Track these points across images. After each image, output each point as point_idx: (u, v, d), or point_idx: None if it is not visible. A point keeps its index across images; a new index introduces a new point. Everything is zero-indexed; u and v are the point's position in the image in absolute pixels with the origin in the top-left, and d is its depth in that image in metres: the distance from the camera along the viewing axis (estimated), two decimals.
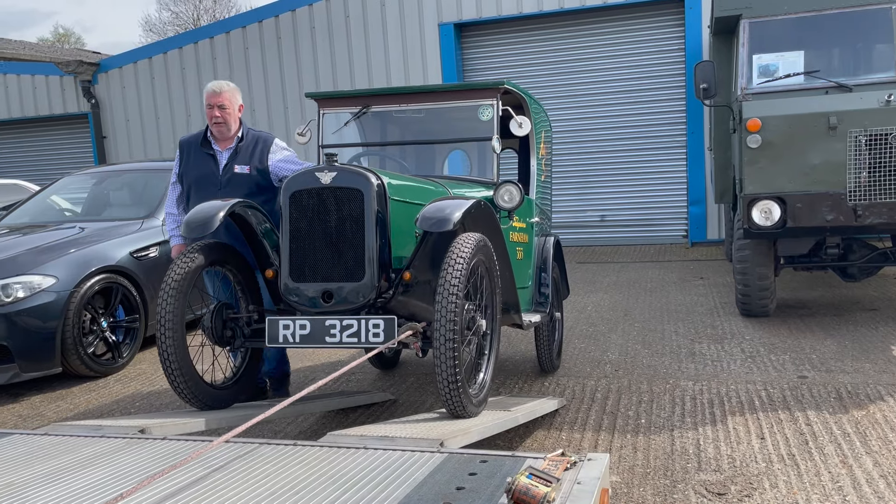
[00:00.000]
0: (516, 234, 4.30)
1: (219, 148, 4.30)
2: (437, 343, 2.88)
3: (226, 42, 12.38)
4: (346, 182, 3.21)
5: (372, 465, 2.21)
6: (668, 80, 10.62)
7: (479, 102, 4.20)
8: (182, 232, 3.43)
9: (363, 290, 3.18)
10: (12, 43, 25.40)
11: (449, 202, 3.21)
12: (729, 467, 3.48)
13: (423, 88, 4.35)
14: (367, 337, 3.10)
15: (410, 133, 4.64)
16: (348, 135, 4.52)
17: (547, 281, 4.66)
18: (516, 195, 3.81)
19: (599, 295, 7.62)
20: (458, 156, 5.03)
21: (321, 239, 3.24)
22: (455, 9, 11.14)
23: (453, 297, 2.87)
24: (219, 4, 37.93)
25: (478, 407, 3.15)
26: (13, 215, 7.00)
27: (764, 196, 5.41)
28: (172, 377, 3.19)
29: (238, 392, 3.61)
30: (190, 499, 1.99)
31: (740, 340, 5.59)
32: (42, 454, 2.45)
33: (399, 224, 3.36)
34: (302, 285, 3.25)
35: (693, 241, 10.56)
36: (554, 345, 4.95)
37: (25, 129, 14.47)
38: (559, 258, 5.06)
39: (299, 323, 3.17)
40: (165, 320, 3.13)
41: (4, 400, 5.19)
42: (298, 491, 2.01)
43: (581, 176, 11.12)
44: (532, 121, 4.53)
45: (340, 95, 4.48)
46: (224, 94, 4.24)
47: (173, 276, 3.20)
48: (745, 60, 5.70)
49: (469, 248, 3.04)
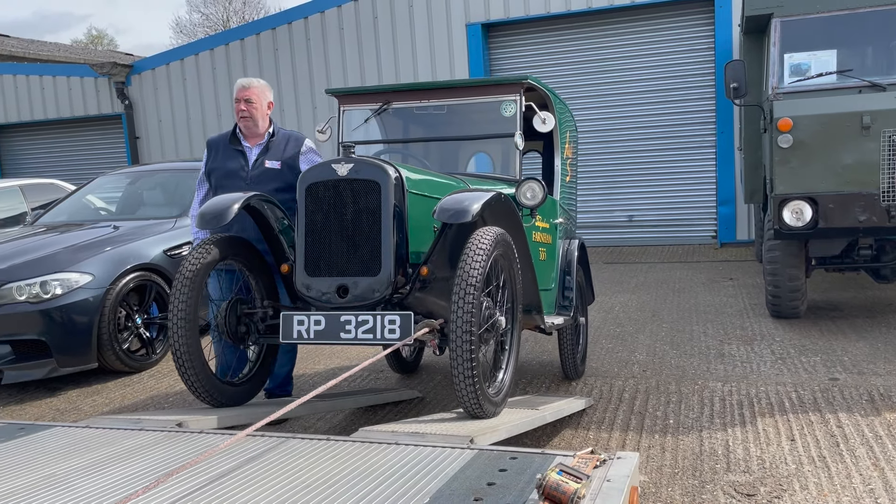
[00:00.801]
0: (539, 234, 4.21)
1: (248, 144, 4.24)
2: (454, 340, 2.80)
3: (256, 43, 12.53)
4: (363, 174, 3.13)
5: (404, 461, 2.24)
6: (698, 79, 10.54)
7: (501, 98, 4.10)
8: (196, 224, 3.37)
9: (379, 284, 3.09)
10: (48, 45, 25.94)
11: (468, 194, 3.12)
12: (758, 468, 3.47)
13: (444, 84, 4.27)
14: (383, 333, 3.01)
15: (432, 131, 4.54)
16: (369, 132, 4.43)
17: (571, 284, 4.55)
18: (539, 192, 3.71)
19: (627, 295, 7.59)
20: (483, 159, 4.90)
21: (337, 232, 3.16)
22: (483, 9, 11.16)
23: (471, 292, 2.78)
24: (248, 6, 38.34)
25: (496, 406, 3.06)
26: (50, 214, 7.17)
27: (795, 196, 5.36)
28: (184, 371, 3.14)
29: (251, 389, 3.55)
30: (224, 489, 2.05)
31: (770, 342, 5.55)
32: (83, 446, 2.52)
33: (417, 218, 3.27)
34: (317, 280, 3.16)
35: (722, 242, 10.47)
36: (578, 351, 4.85)
37: (61, 130, 14.78)
38: (584, 262, 4.96)
39: (314, 318, 3.09)
40: (178, 314, 3.08)
41: (42, 394, 5.32)
42: (332, 484, 2.06)
43: (609, 176, 11.08)
44: (557, 118, 4.45)
45: (361, 91, 4.40)
46: (252, 89, 4.19)
47: (186, 269, 3.13)
48: (777, 59, 5.65)
49: (488, 242, 2.94)
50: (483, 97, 4.13)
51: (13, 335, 5.21)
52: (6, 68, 15.20)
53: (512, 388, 3.28)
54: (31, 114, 14.42)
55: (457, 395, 2.88)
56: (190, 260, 3.15)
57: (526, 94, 4.16)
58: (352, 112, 4.40)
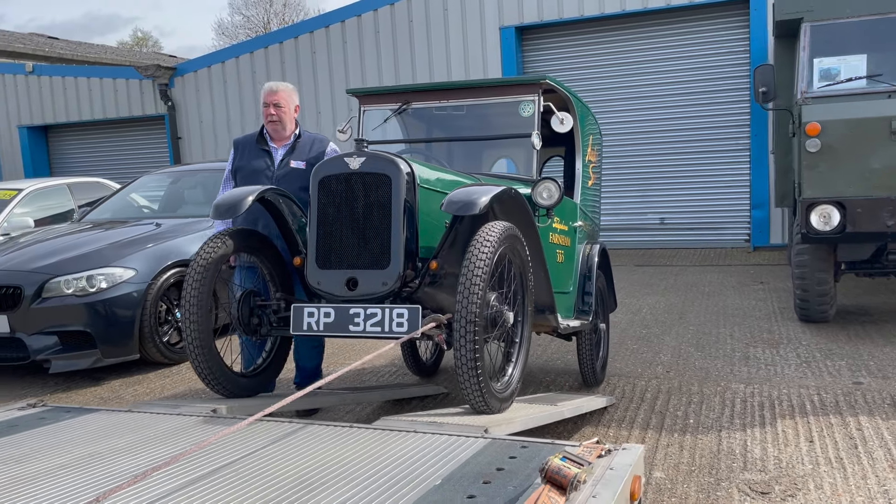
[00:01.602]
0: (557, 235, 4.18)
1: (274, 145, 4.32)
2: (458, 333, 2.78)
3: (294, 46, 12.80)
4: (375, 167, 3.14)
5: (420, 447, 2.38)
6: (732, 82, 10.49)
7: (519, 98, 4.09)
8: (211, 215, 3.39)
9: (388, 277, 3.09)
10: (95, 47, 26.73)
11: (477, 187, 3.11)
12: (774, 468, 3.52)
13: (463, 84, 4.27)
14: (391, 326, 2.99)
15: (452, 131, 4.53)
16: (389, 132, 4.44)
17: (591, 289, 4.50)
18: (555, 192, 3.69)
19: (655, 297, 7.63)
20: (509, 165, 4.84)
21: (348, 225, 3.17)
22: (516, 12, 11.26)
23: (476, 285, 2.77)
24: (289, 8, 38.93)
25: (502, 403, 3.03)
26: (96, 211, 7.47)
27: (823, 200, 5.36)
28: (196, 362, 3.15)
29: (264, 381, 3.57)
30: (246, 467, 2.20)
31: (796, 345, 5.56)
32: (125, 428, 2.71)
33: (428, 213, 3.26)
34: (327, 272, 3.18)
35: (755, 246, 10.41)
36: (598, 358, 4.79)
37: (106, 130, 15.27)
38: (606, 268, 4.90)
39: (324, 311, 3.09)
40: (189, 305, 3.09)
41: (87, 383, 5.58)
42: (350, 465, 2.20)
43: (641, 178, 11.09)
44: (577, 119, 4.46)
45: (380, 91, 4.42)
46: (280, 93, 4.25)
47: (199, 260, 3.15)
48: (806, 64, 5.66)
49: (495, 236, 2.91)
50: (501, 97, 4.13)
51: (60, 326, 5.47)
52: (56, 70, 15.76)
53: (520, 385, 3.25)
54: (78, 114, 14.93)
55: (460, 389, 2.88)
56: (202, 253, 3.17)
57: (547, 96, 4.16)
58: (372, 112, 4.42)
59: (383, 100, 4.38)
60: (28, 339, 5.48)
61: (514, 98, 4.10)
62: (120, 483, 1.98)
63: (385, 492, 1.99)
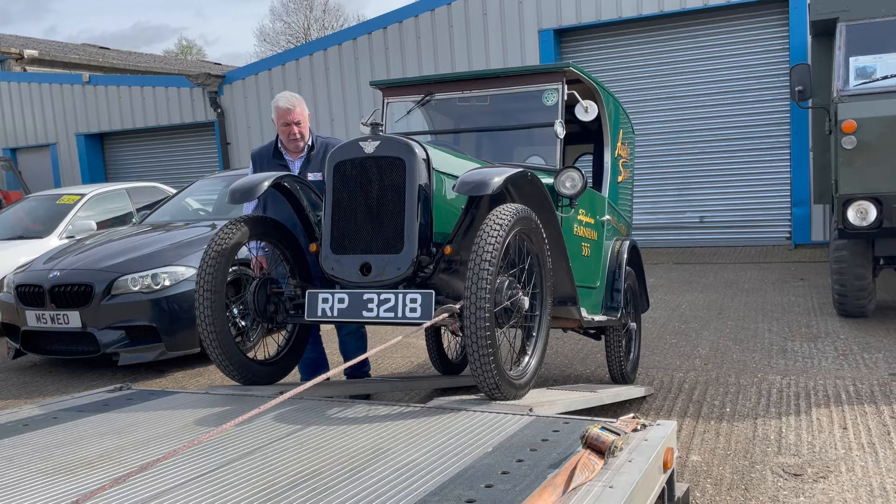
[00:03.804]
0: (582, 228, 4.08)
1: (290, 158, 4.35)
2: (468, 319, 2.72)
3: (337, 53, 13.17)
4: (389, 151, 3.09)
5: (471, 423, 2.62)
6: (772, 80, 10.52)
7: (543, 87, 4.00)
8: (227, 200, 3.37)
9: (402, 262, 3.03)
10: (144, 56, 27.63)
11: (492, 169, 3.04)
12: (808, 452, 3.68)
13: (485, 73, 4.19)
14: (404, 312, 2.94)
15: (475, 121, 4.43)
16: (414, 125, 4.36)
17: (619, 286, 4.40)
18: (578, 181, 3.61)
19: (695, 294, 7.74)
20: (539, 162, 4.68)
21: (362, 210, 3.12)
22: (555, 15, 11.44)
23: (485, 267, 2.71)
24: (328, 14, 39.60)
25: (517, 390, 2.97)
26: (155, 214, 7.88)
27: (860, 196, 5.46)
28: (212, 348, 3.16)
29: (284, 368, 3.57)
30: (324, 436, 2.47)
31: (834, 339, 5.65)
32: (205, 406, 3.00)
33: (443, 198, 3.20)
34: (342, 257, 3.13)
35: (797, 243, 10.41)
36: (629, 358, 4.71)
37: (159, 137, 15.86)
38: (636, 265, 4.81)
39: (338, 297, 3.04)
40: (203, 292, 3.08)
41: (152, 375, 5.95)
42: (410, 437, 2.46)
43: (680, 177, 11.17)
44: (605, 109, 4.40)
45: (403, 83, 4.37)
46: (297, 110, 4.24)
47: (212, 248, 3.13)
48: (842, 63, 5.76)
49: (507, 218, 2.82)
50: (524, 86, 4.04)
51: (127, 321, 5.86)
52: (110, 80, 16.42)
53: (537, 373, 3.18)
54: (132, 122, 15.54)
55: (473, 377, 2.85)
56: (216, 240, 3.16)
57: (573, 86, 4.08)
58: (395, 104, 4.37)
59: (406, 91, 4.34)
60: (98, 333, 5.88)
61: (537, 87, 4.02)
62: (200, 440, 2.26)
63: (443, 455, 2.24)
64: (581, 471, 2.01)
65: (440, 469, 2.12)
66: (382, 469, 2.14)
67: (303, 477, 2.10)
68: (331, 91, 13.20)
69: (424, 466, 2.15)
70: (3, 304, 6.52)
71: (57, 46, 23.58)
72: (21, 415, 3.02)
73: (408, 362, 5.75)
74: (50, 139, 16.56)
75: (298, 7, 39.10)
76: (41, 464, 2.33)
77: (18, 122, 16.95)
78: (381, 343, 4.80)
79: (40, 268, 6.36)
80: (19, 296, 6.21)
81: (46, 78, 16.87)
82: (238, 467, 2.22)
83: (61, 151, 16.46)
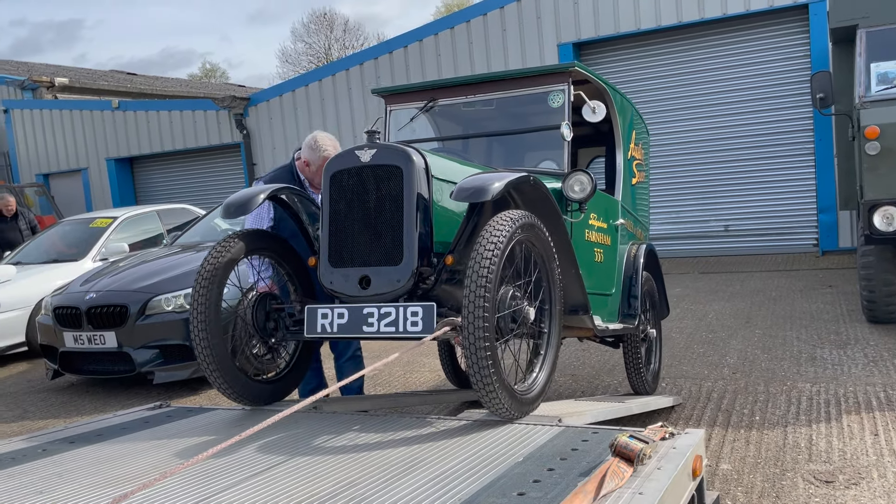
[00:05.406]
0: (594, 233, 3.96)
1: (312, 190, 4.19)
2: (466, 332, 2.61)
3: (359, 73, 13.37)
4: (386, 159, 2.97)
5: (502, 434, 2.68)
6: (793, 87, 10.49)
7: (548, 88, 3.87)
8: (221, 214, 3.24)
9: (401, 273, 2.90)
10: (170, 81, 28.20)
11: (492, 174, 2.94)
12: (839, 459, 3.68)
13: (488, 76, 4.07)
14: (406, 326, 2.82)
15: (481, 126, 4.32)
16: (419, 133, 4.25)
17: (636, 292, 4.27)
18: (588, 184, 3.48)
19: (721, 303, 7.73)
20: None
21: (360, 221, 3.00)
22: (573, 28, 11.52)
23: (484, 273, 2.59)
24: (348, 34, 40.12)
25: (523, 406, 2.85)
26: (186, 235, 8.05)
27: (885, 201, 5.45)
28: (207, 367, 3.08)
29: (285, 388, 3.47)
30: (358, 447, 2.55)
31: (864, 346, 5.62)
32: (243, 421, 3.10)
33: (444, 206, 3.07)
34: (340, 271, 3.00)
35: (824, 250, 10.33)
36: (649, 367, 4.60)
37: (186, 159, 16.17)
38: (654, 270, 4.69)
39: (337, 312, 2.93)
40: (197, 309, 2.99)
41: (186, 392, 6.08)
42: (445, 447, 2.53)
43: (704, 186, 11.16)
44: (615, 110, 4.29)
45: (406, 90, 4.26)
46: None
47: (209, 262, 3.03)
48: (863, 69, 5.76)
49: (507, 225, 2.71)
50: (529, 89, 3.92)
51: (162, 341, 6.00)
52: (138, 105, 16.81)
53: (547, 387, 3.06)
54: (160, 145, 15.87)
55: (475, 391, 2.72)
56: (210, 256, 3.07)
57: (581, 87, 3.95)
58: (398, 112, 4.26)
59: (409, 98, 4.22)
60: (134, 352, 6.03)
61: (542, 88, 3.89)
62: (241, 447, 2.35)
63: (475, 465, 2.30)
64: (611, 478, 2.06)
65: (473, 478, 2.19)
66: (417, 479, 2.21)
67: (341, 487, 2.18)
68: (353, 110, 13.39)
69: (458, 476, 2.22)
70: (42, 325, 6.71)
71: (86, 74, 24.15)
72: (66, 433, 3.14)
73: (435, 376, 5.81)
74: (81, 164, 16.96)
75: (319, 28, 39.74)
76: (91, 478, 2.43)
77: (51, 149, 17.38)
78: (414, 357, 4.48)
79: (77, 290, 6.54)
80: (57, 318, 6.39)
81: (77, 105, 17.30)
82: (278, 477, 2.30)
83: (92, 176, 16.84)
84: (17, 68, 23.40)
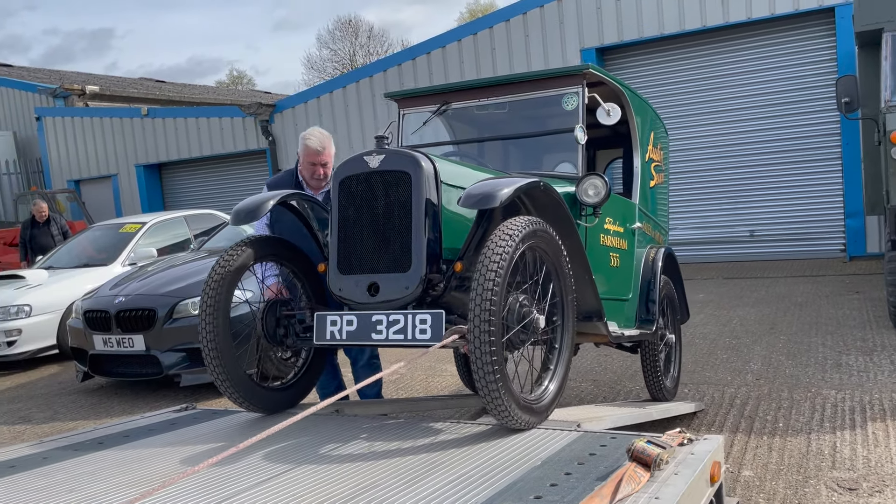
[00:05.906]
0: (610, 237, 3.89)
1: (312, 192, 4.18)
2: (472, 340, 2.57)
3: (383, 80, 13.47)
4: (394, 165, 2.93)
5: (520, 438, 2.70)
6: (820, 91, 10.38)
7: (562, 91, 3.80)
8: (231, 221, 3.24)
9: (410, 281, 2.86)
10: (197, 88, 28.61)
11: (500, 180, 2.89)
12: (863, 467, 3.65)
13: (502, 79, 4.00)
14: (414, 333, 2.79)
15: (495, 130, 4.25)
16: (433, 137, 4.21)
17: (654, 297, 4.20)
18: (602, 188, 3.42)
19: (746, 309, 7.67)
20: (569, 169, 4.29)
21: (369, 227, 2.97)
22: (596, 34, 11.51)
23: (490, 281, 2.55)
24: (373, 40, 40.35)
25: (533, 415, 2.80)
26: (212, 240, 8.17)
27: None
28: (216, 374, 3.06)
29: (296, 395, 3.45)
30: (380, 451, 2.59)
31: (891, 352, 5.55)
32: (267, 423, 3.15)
33: (453, 212, 3.03)
34: (349, 278, 2.98)
35: (851, 256, 10.20)
36: (668, 372, 4.54)
37: (213, 165, 16.42)
38: (673, 274, 4.61)
39: (346, 319, 2.91)
40: (206, 317, 2.98)
41: (212, 395, 6.17)
42: (464, 451, 2.56)
43: (729, 191, 11.08)
44: (632, 112, 4.23)
45: (418, 93, 4.22)
46: (326, 152, 4.10)
47: (215, 272, 3.01)
48: (889, 73, 5.70)
49: (514, 232, 2.67)
50: (543, 91, 3.85)
51: (188, 344, 6.08)
52: (167, 112, 17.08)
53: (559, 397, 3.02)
54: (188, 152, 16.12)
55: (482, 401, 2.70)
56: (219, 263, 3.04)
57: (596, 89, 3.86)
58: (411, 115, 4.23)
59: (422, 101, 4.18)
60: (161, 355, 6.14)
61: (556, 91, 3.82)
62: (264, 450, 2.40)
63: (494, 468, 2.33)
64: (627, 482, 2.08)
65: (491, 481, 2.22)
66: (436, 481, 2.25)
67: (362, 488, 2.23)
68: (377, 116, 13.49)
69: (476, 479, 2.25)
70: (73, 329, 6.86)
71: (116, 81, 24.59)
72: (96, 434, 3.23)
73: (457, 380, 5.84)
74: (111, 170, 17.28)
75: (344, 34, 40.01)
76: (121, 477, 2.50)
77: (81, 155, 17.74)
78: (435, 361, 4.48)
79: (106, 294, 6.68)
80: (87, 321, 6.53)
81: (107, 112, 17.65)
82: (298, 479, 2.36)
83: (122, 182, 17.15)
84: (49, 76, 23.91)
